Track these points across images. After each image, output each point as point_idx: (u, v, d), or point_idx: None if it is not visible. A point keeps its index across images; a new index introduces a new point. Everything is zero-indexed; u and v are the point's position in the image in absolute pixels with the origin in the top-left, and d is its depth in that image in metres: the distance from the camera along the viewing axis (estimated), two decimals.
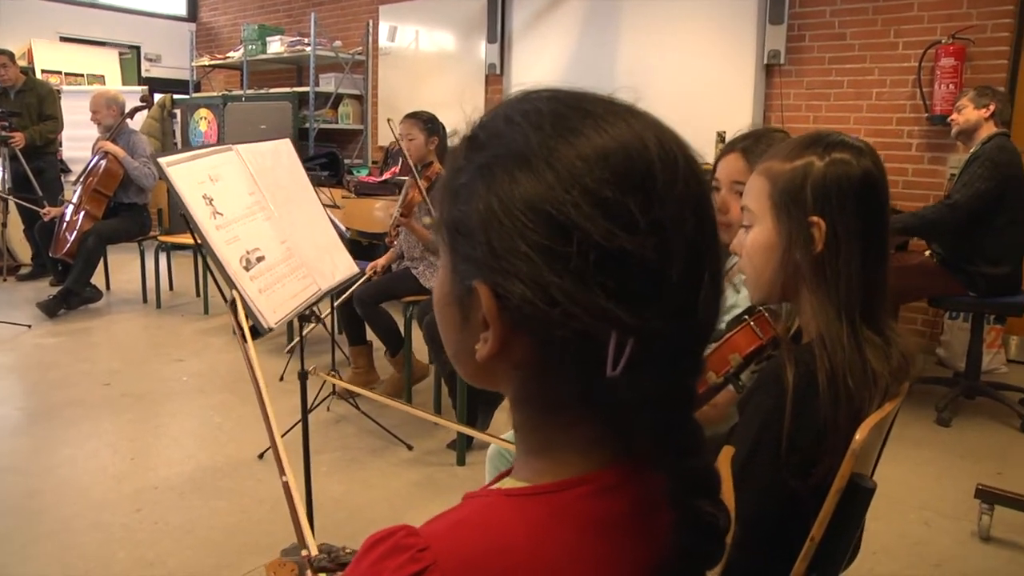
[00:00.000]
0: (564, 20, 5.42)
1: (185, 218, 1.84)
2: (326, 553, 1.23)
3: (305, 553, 1.24)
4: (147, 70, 8.41)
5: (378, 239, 4.93)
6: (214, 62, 7.57)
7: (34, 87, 5.72)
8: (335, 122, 6.77)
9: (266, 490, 2.56)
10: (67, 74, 7.52)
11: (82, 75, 7.66)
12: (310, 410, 2.23)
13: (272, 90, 6.89)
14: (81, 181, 4.94)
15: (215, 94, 7.14)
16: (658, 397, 0.50)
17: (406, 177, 3.61)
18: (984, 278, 3.22)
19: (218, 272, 1.87)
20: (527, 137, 0.50)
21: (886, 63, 4.32)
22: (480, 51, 5.89)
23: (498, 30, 5.70)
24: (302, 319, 2.17)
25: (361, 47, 6.74)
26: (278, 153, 2.34)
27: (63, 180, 6.16)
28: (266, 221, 2.10)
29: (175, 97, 7.34)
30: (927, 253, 3.53)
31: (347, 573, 0.53)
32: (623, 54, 5.17)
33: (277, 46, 6.77)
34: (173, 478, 2.66)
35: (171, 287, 5.58)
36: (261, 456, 2.80)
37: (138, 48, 8.38)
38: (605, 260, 0.47)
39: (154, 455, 2.87)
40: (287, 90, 6.73)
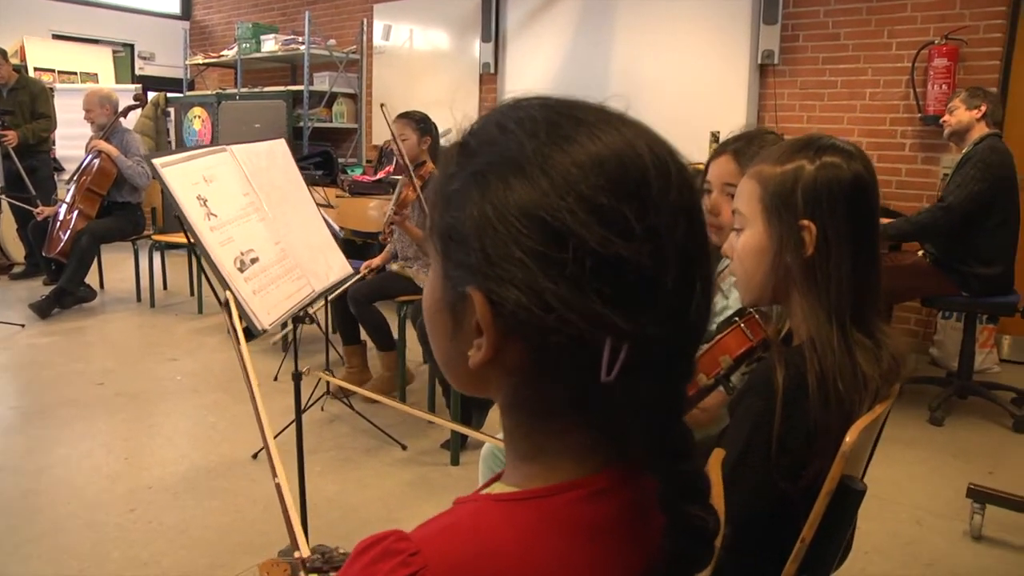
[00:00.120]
0: (558, 19, 5.42)
1: (179, 219, 1.84)
2: (320, 554, 1.23)
3: (298, 555, 1.24)
4: (141, 68, 8.39)
5: (372, 238, 4.93)
6: (208, 60, 7.55)
7: (27, 85, 5.69)
8: (329, 121, 6.77)
9: (260, 490, 2.56)
10: (60, 72, 7.48)
11: (75, 73, 7.62)
12: (304, 410, 2.23)
13: (266, 89, 6.87)
14: (74, 180, 4.92)
15: (209, 93, 7.11)
16: (651, 401, 0.50)
17: (400, 176, 3.60)
18: (977, 278, 3.24)
19: (212, 274, 1.87)
20: (521, 144, 0.50)
21: (880, 63, 4.34)
22: (475, 50, 5.89)
23: (492, 29, 5.70)
24: (296, 320, 2.17)
25: (355, 46, 6.73)
26: (273, 153, 2.34)
27: (56, 179, 6.12)
28: (260, 222, 2.09)
29: (169, 95, 7.32)
30: (920, 253, 3.55)
31: None
32: (617, 53, 5.17)
33: (271, 44, 6.75)
34: (167, 478, 2.66)
35: (165, 286, 5.57)
36: (255, 456, 2.80)
37: (132, 46, 8.36)
38: (601, 266, 0.47)
39: (148, 455, 2.87)
40: (281, 89, 6.71)
